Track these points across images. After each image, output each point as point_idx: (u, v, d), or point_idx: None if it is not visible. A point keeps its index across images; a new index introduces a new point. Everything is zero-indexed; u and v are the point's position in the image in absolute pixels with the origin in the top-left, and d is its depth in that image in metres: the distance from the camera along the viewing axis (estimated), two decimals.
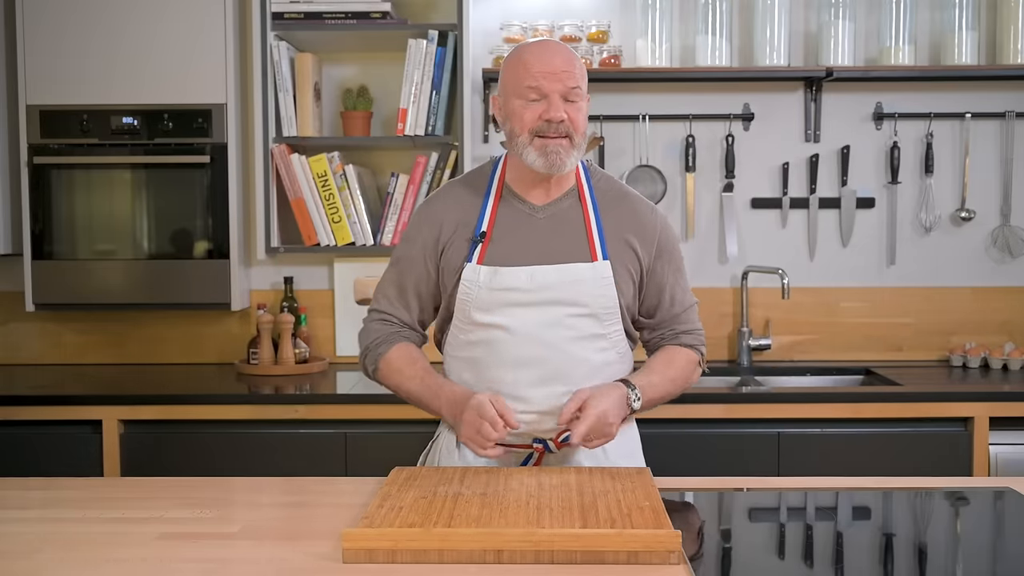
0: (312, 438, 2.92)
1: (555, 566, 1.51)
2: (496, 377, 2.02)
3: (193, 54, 3.25)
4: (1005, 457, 2.91)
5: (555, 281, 1.99)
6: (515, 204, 2.05)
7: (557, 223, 2.03)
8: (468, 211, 2.05)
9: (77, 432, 2.94)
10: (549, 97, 1.93)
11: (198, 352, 3.56)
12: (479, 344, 2.03)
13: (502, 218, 2.04)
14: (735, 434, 2.91)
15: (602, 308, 2.01)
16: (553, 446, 2.00)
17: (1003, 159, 3.50)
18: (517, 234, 2.02)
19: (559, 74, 1.93)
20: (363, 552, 1.52)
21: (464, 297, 2.01)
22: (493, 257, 2.01)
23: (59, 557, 1.57)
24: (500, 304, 1.99)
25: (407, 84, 3.28)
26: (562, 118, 1.93)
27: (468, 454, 2.05)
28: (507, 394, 1.99)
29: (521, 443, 2.03)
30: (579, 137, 1.97)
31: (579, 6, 3.47)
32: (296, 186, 3.31)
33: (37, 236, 3.28)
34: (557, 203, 2.05)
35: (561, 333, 2.00)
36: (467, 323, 2.04)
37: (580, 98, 1.97)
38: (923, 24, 3.45)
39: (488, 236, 2.02)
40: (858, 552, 1.66)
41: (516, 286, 1.99)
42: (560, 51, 1.97)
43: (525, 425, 2.00)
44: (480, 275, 2.00)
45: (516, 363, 2.00)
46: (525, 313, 1.99)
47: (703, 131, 3.51)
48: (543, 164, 1.96)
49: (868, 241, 3.53)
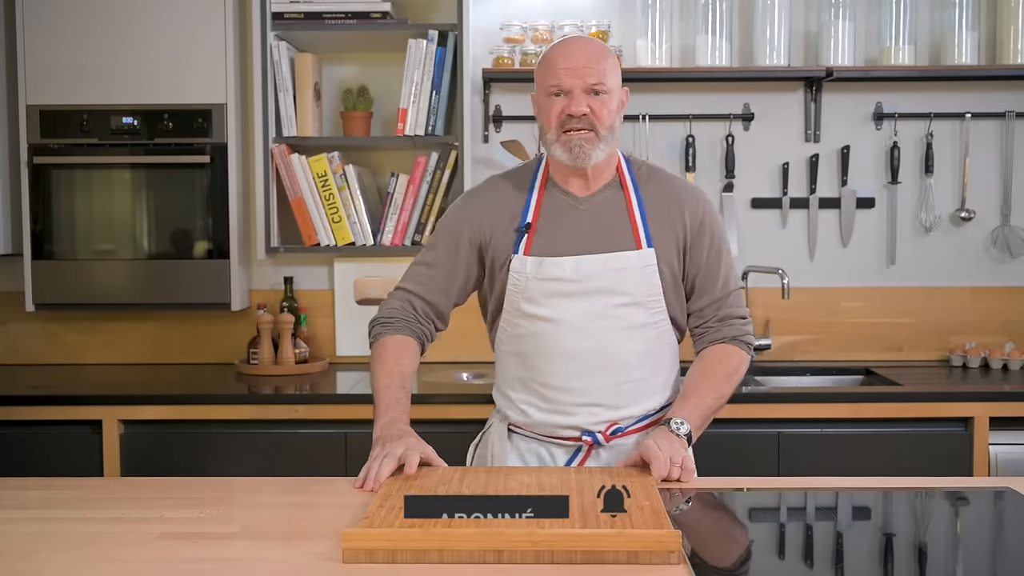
0: (312, 438, 2.92)
1: (555, 566, 1.50)
2: (545, 370, 2.06)
3: (193, 54, 3.25)
4: (1005, 457, 2.91)
5: (600, 270, 2.02)
6: (558, 195, 2.09)
7: (600, 213, 2.07)
8: (513, 203, 2.09)
9: (77, 432, 2.94)
10: (571, 92, 1.97)
11: (198, 352, 3.56)
12: (526, 338, 2.07)
13: (546, 209, 2.07)
14: (735, 434, 2.91)
15: (647, 296, 2.04)
16: (602, 438, 2.04)
17: (1003, 159, 3.50)
18: (561, 225, 2.06)
19: (580, 70, 1.97)
20: (363, 552, 1.52)
21: (513, 288, 2.06)
22: (538, 247, 2.05)
23: (59, 557, 1.57)
24: (546, 295, 2.03)
25: (407, 84, 3.28)
26: (583, 112, 1.97)
27: (520, 443, 2.11)
28: (556, 386, 2.04)
29: (571, 435, 2.06)
30: (604, 130, 2.00)
31: (579, 6, 3.47)
32: (296, 186, 3.31)
33: (37, 236, 3.28)
34: (599, 193, 2.08)
35: (607, 323, 2.03)
36: (515, 316, 2.07)
37: (606, 92, 1.99)
38: (923, 24, 3.45)
39: (533, 227, 2.05)
40: (858, 552, 1.66)
41: (561, 276, 2.02)
42: (584, 47, 2.01)
43: (576, 417, 2.04)
44: (527, 265, 2.04)
45: (564, 356, 2.04)
46: (571, 304, 2.03)
47: (703, 131, 3.51)
48: (568, 158, 2.01)
49: (868, 241, 3.53)
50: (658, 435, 1.94)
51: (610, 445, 2.06)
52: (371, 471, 1.85)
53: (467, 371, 3.33)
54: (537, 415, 2.09)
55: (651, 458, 1.86)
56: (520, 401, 2.11)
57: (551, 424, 2.08)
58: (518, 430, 2.14)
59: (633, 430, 2.09)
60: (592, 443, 2.05)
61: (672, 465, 1.88)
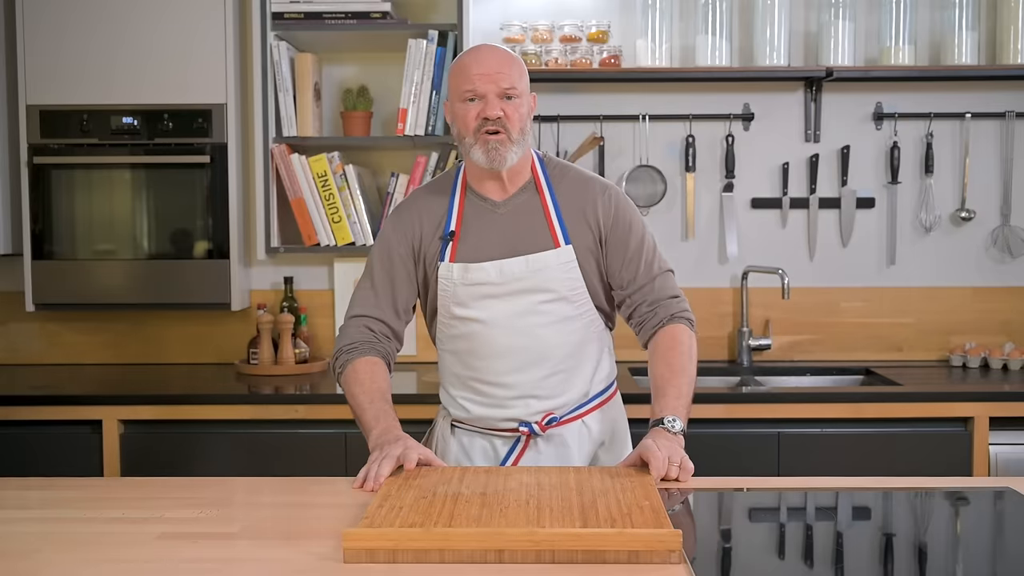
0: (312, 438, 2.92)
1: (556, 566, 1.50)
2: (479, 367, 2.15)
3: (193, 54, 3.25)
4: (1005, 457, 2.91)
5: (523, 271, 2.11)
6: (477, 202, 2.17)
7: (518, 216, 2.15)
8: (436, 213, 2.17)
9: (77, 432, 2.94)
10: (486, 97, 2.06)
11: (198, 352, 3.56)
12: (461, 337, 2.16)
13: (468, 216, 2.16)
14: (735, 434, 2.91)
15: (570, 291, 2.13)
16: (538, 428, 2.13)
17: (1003, 159, 3.50)
18: (483, 230, 2.14)
19: (494, 75, 2.05)
20: (364, 552, 1.52)
21: (443, 293, 2.15)
22: (463, 254, 2.13)
23: (59, 557, 1.57)
24: (474, 298, 2.12)
25: (407, 84, 3.28)
26: (497, 115, 2.05)
27: (462, 437, 2.21)
28: (491, 381, 2.14)
29: (508, 427, 2.15)
30: (516, 133, 2.08)
31: (579, 6, 3.47)
32: (296, 186, 3.31)
33: (37, 236, 3.28)
34: (516, 197, 2.16)
35: (535, 320, 2.12)
36: (449, 318, 2.16)
37: (518, 96, 2.07)
38: (923, 24, 3.45)
39: (457, 234, 2.14)
40: (858, 552, 1.66)
41: (486, 280, 2.11)
42: (495, 54, 2.09)
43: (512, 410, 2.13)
44: (453, 272, 2.13)
45: (496, 353, 2.13)
46: (499, 305, 2.12)
47: (703, 131, 3.51)
48: (486, 160, 2.08)
49: (868, 241, 3.53)
50: (655, 435, 1.98)
51: (547, 435, 2.15)
52: (370, 471, 1.88)
53: None
54: (476, 410, 2.17)
55: (650, 458, 1.90)
56: (460, 398, 2.20)
57: (490, 418, 2.17)
58: (460, 425, 2.22)
59: (568, 419, 2.17)
60: (529, 433, 2.14)
61: (671, 465, 1.91)
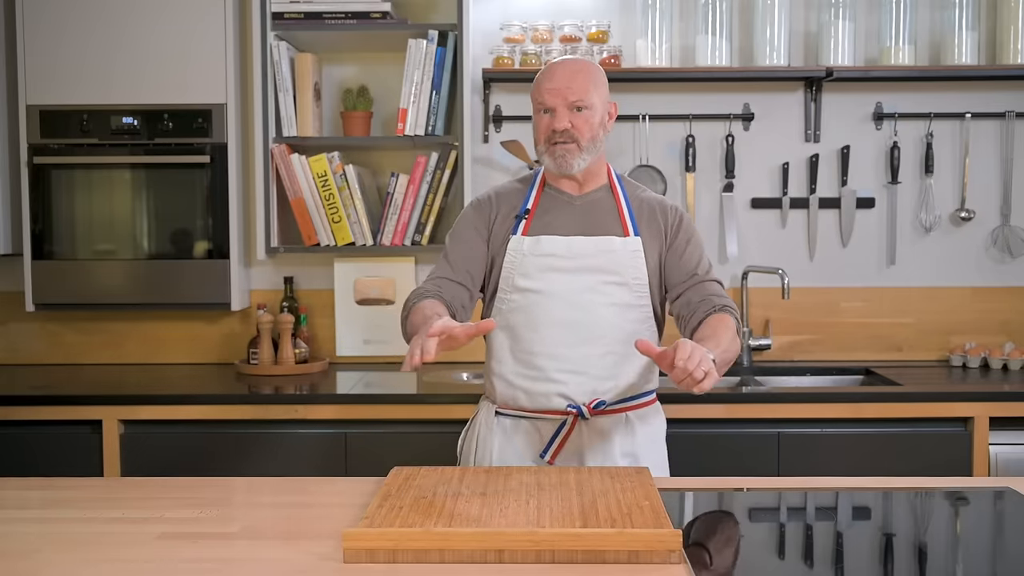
0: (312, 438, 2.92)
1: (556, 566, 1.51)
2: (532, 338, 2.19)
3: (193, 54, 3.25)
4: (1005, 457, 2.91)
5: (591, 250, 2.20)
6: (555, 194, 2.29)
7: (592, 207, 2.27)
8: (515, 198, 2.30)
9: (77, 432, 2.94)
10: (555, 110, 2.18)
11: (198, 352, 3.56)
12: (519, 310, 2.21)
13: (544, 202, 2.28)
14: (735, 434, 2.91)
15: (633, 279, 2.20)
16: (586, 411, 2.14)
17: (1003, 159, 3.50)
18: (557, 214, 2.26)
19: (562, 90, 2.17)
20: (364, 552, 1.52)
21: (509, 266, 2.22)
22: (536, 229, 2.24)
23: (59, 557, 1.57)
24: (540, 269, 2.20)
25: (407, 84, 3.28)
26: (564, 127, 2.17)
27: (506, 422, 2.22)
28: (544, 352, 2.17)
29: (556, 409, 2.16)
30: (586, 142, 2.19)
31: (579, 6, 3.47)
32: (296, 186, 3.31)
33: (37, 236, 3.28)
34: (592, 193, 2.28)
35: (594, 298, 2.18)
36: (509, 292, 2.22)
37: (588, 108, 2.18)
38: (923, 24, 3.45)
39: (532, 213, 2.25)
40: (858, 552, 1.66)
41: (556, 252, 2.20)
42: (566, 68, 2.20)
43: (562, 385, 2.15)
44: (524, 244, 2.22)
45: (551, 324, 2.18)
46: (562, 278, 2.19)
47: (703, 131, 3.51)
48: (554, 167, 2.22)
49: (868, 241, 3.53)
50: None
51: (591, 424, 2.16)
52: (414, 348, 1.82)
53: (467, 371, 3.34)
54: (525, 383, 2.19)
55: (679, 344, 1.82)
56: (507, 372, 2.22)
57: (538, 393, 2.18)
58: (505, 412, 2.24)
59: (616, 409, 2.18)
60: (576, 416, 2.15)
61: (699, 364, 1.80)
